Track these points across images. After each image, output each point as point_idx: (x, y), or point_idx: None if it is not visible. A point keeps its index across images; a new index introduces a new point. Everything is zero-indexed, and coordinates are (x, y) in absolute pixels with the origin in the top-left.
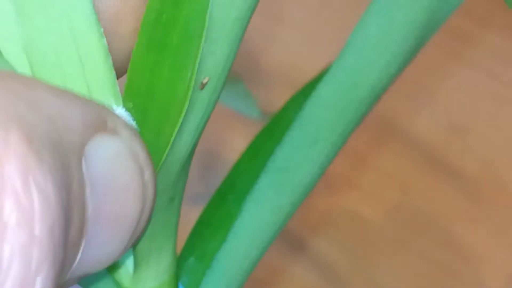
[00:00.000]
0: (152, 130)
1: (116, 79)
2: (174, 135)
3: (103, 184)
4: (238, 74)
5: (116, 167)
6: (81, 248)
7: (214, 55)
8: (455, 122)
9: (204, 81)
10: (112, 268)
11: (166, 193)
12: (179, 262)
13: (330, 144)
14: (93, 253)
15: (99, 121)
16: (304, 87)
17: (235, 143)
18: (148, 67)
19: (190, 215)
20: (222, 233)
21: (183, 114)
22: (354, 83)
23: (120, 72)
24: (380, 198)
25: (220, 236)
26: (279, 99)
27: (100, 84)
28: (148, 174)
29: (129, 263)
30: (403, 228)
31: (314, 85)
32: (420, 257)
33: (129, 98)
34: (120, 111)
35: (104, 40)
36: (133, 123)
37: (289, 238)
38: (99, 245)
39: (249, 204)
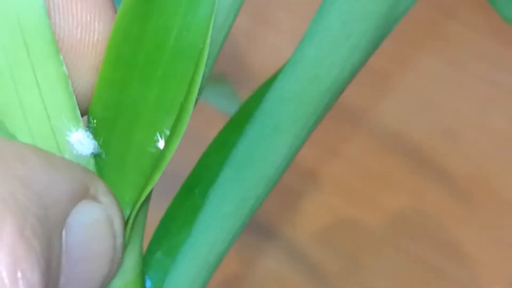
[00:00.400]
0: (120, 142)
1: (76, 104)
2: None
3: (79, 251)
4: (225, 75)
5: (93, 234)
6: None
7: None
8: (445, 124)
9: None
10: None
11: None
12: (146, 257)
13: (291, 137)
14: None
15: (83, 189)
16: (268, 79)
17: None
18: (116, 82)
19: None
20: (188, 227)
21: (183, 127)
22: (315, 75)
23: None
24: (370, 199)
25: (187, 230)
26: None
27: (58, 108)
28: (119, 240)
29: None
30: (392, 229)
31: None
32: (410, 258)
33: (96, 113)
34: (78, 133)
35: (64, 67)
36: (94, 142)
37: (280, 241)
38: None
39: (212, 198)
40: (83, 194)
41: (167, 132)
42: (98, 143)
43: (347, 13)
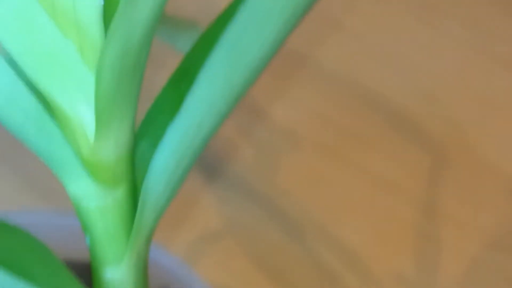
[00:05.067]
0: None
1: None
2: None
3: None
4: (197, 22)
5: None
6: None
7: None
8: (424, 86)
9: None
10: (71, 135)
11: (131, 55)
12: None
13: (282, 22)
14: None
15: None
16: None
17: None
18: None
19: None
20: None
21: None
22: None
23: None
24: (345, 158)
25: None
26: None
27: None
28: None
29: (90, 130)
30: (370, 187)
31: None
32: (387, 214)
33: None
34: None
35: None
36: None
37: (257, 198)
38: None
39: (200, 80)
40: None
41: None
42: None
43: None
